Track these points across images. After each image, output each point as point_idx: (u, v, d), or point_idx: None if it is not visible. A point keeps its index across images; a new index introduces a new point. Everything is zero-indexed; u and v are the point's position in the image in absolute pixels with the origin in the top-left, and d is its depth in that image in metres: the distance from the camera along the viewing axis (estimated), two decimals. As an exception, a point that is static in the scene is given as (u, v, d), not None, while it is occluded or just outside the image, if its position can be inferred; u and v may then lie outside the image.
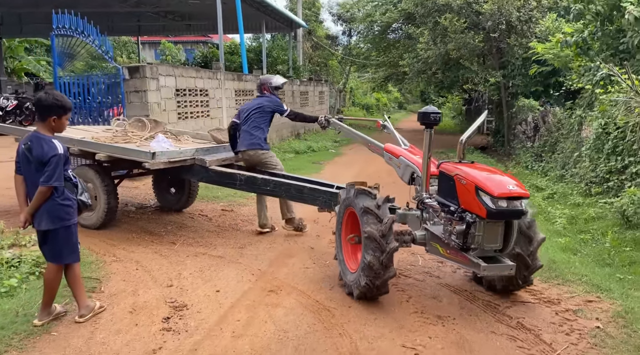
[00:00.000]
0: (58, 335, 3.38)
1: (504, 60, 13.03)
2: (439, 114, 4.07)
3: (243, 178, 5.52)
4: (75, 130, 6.87)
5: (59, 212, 3.48)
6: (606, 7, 7.86)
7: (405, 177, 4.55)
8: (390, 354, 3.23)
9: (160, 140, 5.94)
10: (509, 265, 3.69)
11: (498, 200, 3.46)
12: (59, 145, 3.47)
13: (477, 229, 3.61)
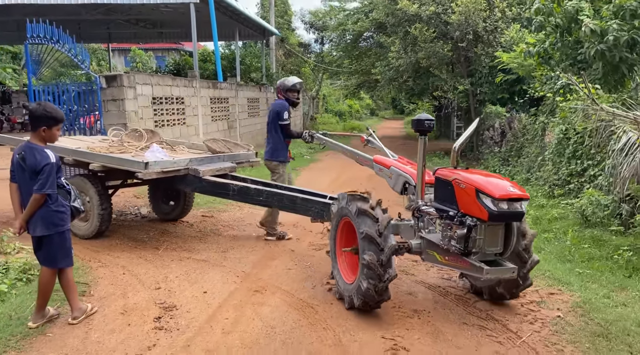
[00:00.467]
0: (53, 336, 3.53)
1: (472, 68, 13.57)
2: (433, 121, 4.14)
3: (236, 188, 5.58)
4: (71, 140, 6.92)
5: (53, 218, 3.63)
6: (565, 20, 8.37)
7: (397, 187, 4.55)
8: (371, 344, 3.50)
9: (154, 150, 5.94)
10: (510, 268, 3.69)
11: (499, 202, 3.47)
12: (51, 155, 3.63)
13: (478, 233, 3.60)
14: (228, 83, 14.94)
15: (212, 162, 6.05)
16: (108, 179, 6.30)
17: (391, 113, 57.84)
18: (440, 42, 12.88)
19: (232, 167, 6.14)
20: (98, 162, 5.64)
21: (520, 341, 3.60)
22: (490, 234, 3.64)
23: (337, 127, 27.97)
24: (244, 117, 16.05)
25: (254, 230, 6.54)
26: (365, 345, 3.47)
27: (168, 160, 5.64)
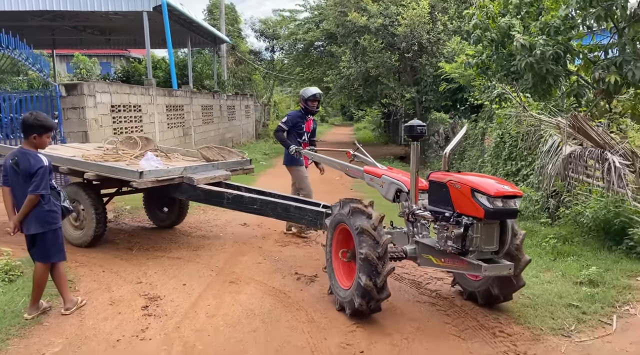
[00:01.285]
0: (50, 325, 3.87)
1: (417, 77, 14.52)
2: (424, 126, 4.24)
3: (231, 197, 5.59)
4: (66, 148, 7.00)
5: (46, 217, 3.98)
6: (499, 35, 9.34)
7: (389, 194, 4.62)
8: (338, 320, 4.06)
9: (149, 159, 5.96)
10: (507, 265, 3.79)
11: (494, 200, 3.57)
12: (44, 158, 3.99)
13: (474, 231, 3.69)
14: (183, 91, 15.20)
15: (206, 171, 6.07)
16: (102, 187, 6.31)
17: (340, 119, 59.13)
18: (388, 53, 13.75)
19: (227, 175, 6.17)
20: (93, 171, 5.64)
21: (464, 313, 4.27)
22: (486, 232, 3.73)
23: (289, 133, 28.46)
24: (199, 124, 16.32)
25: (221, 231, 6.98)
26: (333, 321, 4.03)
27: (163, 169, 5.66)
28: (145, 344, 3.60)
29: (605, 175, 6.09)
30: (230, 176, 6.26)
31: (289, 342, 3.66)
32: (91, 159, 6.00)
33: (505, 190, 3.62)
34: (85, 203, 5.83)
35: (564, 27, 8.39)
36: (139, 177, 5.28)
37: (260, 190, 6.10)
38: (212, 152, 6.66)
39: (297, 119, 6.54)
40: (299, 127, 6.54)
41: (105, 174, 5.62)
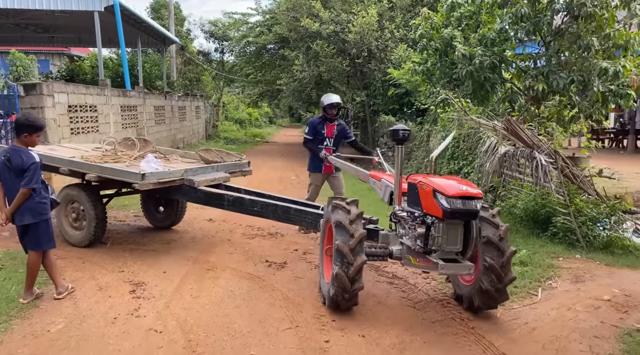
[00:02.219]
0: (47, 308, 4.22)
1: (367, 81, 15.34)
2: (408, 131, 4.37)
3: (231, 199, 5.64)
4: (65, 149, 7.03)
5: (38, 208, 4.32)
6: (442, 45, 10.23)
7: (385, 197, 4.80)
8: (311, 297, 4.64)
9: (149, 160, 5.97)
10: (467, 266, 3.91)
11: (453, 200, 3.74)
12: (35, 155, 4.34)
13: (436, 231, 3.87)
14: (136, 91, 15.28)
15: (206, 173, 6.09)
16: (102, 188, 6.32)
17: (288, 121, 59.68)
18: (340, 58, 14.48)
19: (226, 177, 6.23)
20: (94, 172, 5.67)
21: (417, 289, 4.97)
22: (448, 232, 3.89)
23: (238, 134, 28.75)
24: (152, 125, 16.41)
25: (188, 226, 7.38)
26: (306, 299, 4.60)
27: (165, 171, 5.69)
28: (140, 320, 4.04)
29: (533, 171, 7.03)
30: (229, 178, 6.34)
31: (269, 315, 4.21)
32: (90, 160, 6.01)
33: (464, 191, 3.77)
34: (85, 204, 5.85)
35: (499, 39, 9.37)
36: (141, 179, 5.31)
37: (260, 193, 6.18)
38: (211, 154, 6.75)
39: (316, 126, 6.73)
40: (319, 133, 6.71)
41: (107, 175, 5.63)
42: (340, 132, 6.84)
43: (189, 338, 3.74)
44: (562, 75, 8.91)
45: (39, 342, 3.63)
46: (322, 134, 6.73)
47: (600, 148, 20.18)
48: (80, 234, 5.96)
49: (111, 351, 3.51)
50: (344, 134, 6.91)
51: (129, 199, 8.57)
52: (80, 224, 5.98)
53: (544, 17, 8.88)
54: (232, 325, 3.97)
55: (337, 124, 6.84)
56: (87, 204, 5.84)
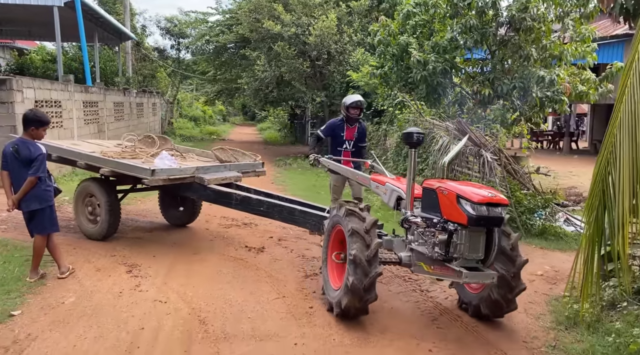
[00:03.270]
0: (54, 286, 4.68)
1: (326, 83, 16.10)
2: (422, 134, 4.24)
3: (239, 198, 5.74)
4: (88, 144, 7.20)
5: (44, 195, 4.77)
6: (399, 50, 11.10)
7: (391, 202, 4.64)
8: (292, 275, 5.29)
9: (164, 157, 6.12)
10: (491, 274, 3.80)
11: (478, 207, 3.63)
12: (42, 147, 4.79)
13: (459, 238, 3.73)
14: (97, 87, 15.38)
15: (218, 171, 6.17)
16: (118, 184, 6.45)
17: (241, 119, 59.70)
18: (300, 59, 15.15)
19: (237, 177, 6.30)
20: (108, 167, 5.88)
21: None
22: (471, 239, 3.75)
23: (194, 131, 28.85)
24: (112, 121, 16.51)
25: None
26: (288, 276, 5.26)
27: (175, 168, 5.84)
28: (144, 294, 4.57)
29: (480, 167, 7.96)
30: (241, 178, 6.40)
31: (258, 288, 4.84)
32: (109, 155, 6.17)
33: (489, 197, 3.67)
34: (100, 198, 6.07)
35: (450, 47, 10.32)
36: (151, 174, 5.49)
37: (268, 193, 6.28)
38: (225, 153, 6.83)
39: (335, 128, 6.39)
40: (337, 135, 6.36)
41: (119, 170, 5.83)
42: (360, 135, 6.48)
43: (192, 307, 4.32)
44: (506, 81, 9.97)
45: (56, 311, 4.12)
46: (341, 136, 6.34)
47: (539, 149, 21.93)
48: (95, 228, 6.18)
49: (125, 317, 4.05)
50: (362, 138, 6.57)
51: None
52: (95, 217, 6.20)
53: (490, 29, 9.92)
54: (227, 297, 4.58)
55: (358, 126, 6.46)
56: (102, 198, 6.05)
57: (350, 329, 4.00)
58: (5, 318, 3.95)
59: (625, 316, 4.22)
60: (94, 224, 6.20)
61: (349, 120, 6.33)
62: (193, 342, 3.70)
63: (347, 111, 6.27)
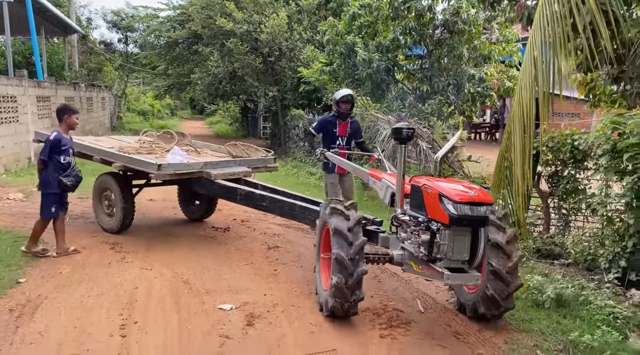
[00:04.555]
0: (47, 261, 5.37)
1: (278, 78, 16.93)
2: (412, 129, 4.14)
3: (243, 193, 5.85)
4: (111, 140, 7.70)
5: (45, 182, 5.39)
6: (346, 49, 12.14)
7: (386, 198, 4.54)
8: (256, 248, 6.20)
9: (175, 153, 6.30)
10: (475, 276, 3.71)
11: (460, 206, 3.55)
12: (52, 134, 5.40)
13: (442, 238, 3.66)
14: (49, 82, 15.56)
15: (227, 167, 6.32)
16: (133, 179, 6.65)
17: (189, 113, 59.36)
18: (253, 56, 15.92)
19: (247, 172, 6.45)
20: (120, 162, 6.14)
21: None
22: (455, 240, 3.68)
23: (143, 125, 28.93)
24: (63, 116, 16.70)
25: (132, 204, 8.53)
26: (253, 249, 6.16)
27: (183, 163, 5.99)
28: (130, 264, 5.36)
29: (418, 155, 9.13)
30: (251, 173, 6.56)
31: (229, 258, 5.73)
32: (125, 151, 6.40)
33: (472, 196, 3.60)
34: (115, 192, 6.33)
35: (392, 47, 11.47)
36: (157, 169, 5.66)
37: (274, 189, 6.35)
38: (237, 149, 6.95)
39: (326, 124, 6.32)
40: (329, 132, 6.27)
41: (130, 165, 6.10)
42: (354, 131, 6.38)
43: (174, 272, 5.16)
44: (442, 79, 11.23)
45: (57, 279, 4.85)
46: (334, 133, 6.25)
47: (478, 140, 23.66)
48: (111, 221, 6.50)
49: (119, 281, 4.84)
50: (357, 134, 6.46)
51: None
52: (111, 210, 6.51)
53: (427, 30, 11.14)
54: (204, 264, 5.44)
55: (351, 122, 6.38)
56: (117, 192, 6.32)
57: (310, 284, 4.96)
58: (14, 284, 4.66)
59: (524, 268, 5.42)
60: (110, 217, 6.51)
61: (340, 116, 6.22)
62: (180, 295, 4.56)
63: (338, 106, 6.19)
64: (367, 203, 8.97)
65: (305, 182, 11.70)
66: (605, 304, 4.30)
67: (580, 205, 5.71)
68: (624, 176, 4.97)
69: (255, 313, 4.21)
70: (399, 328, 4.07)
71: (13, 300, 4.31)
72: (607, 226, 5.34)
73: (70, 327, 3.86)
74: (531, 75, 4.03)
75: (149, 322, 4.00)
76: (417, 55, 12.24)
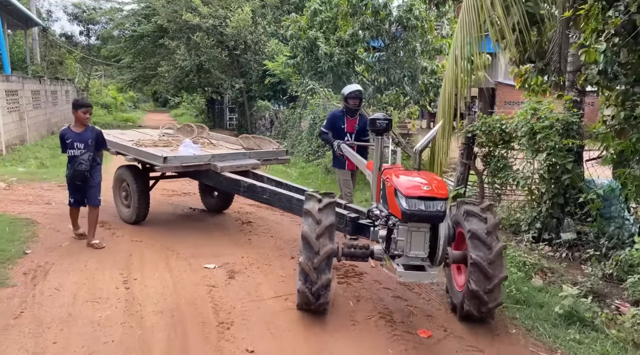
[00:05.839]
0: (45, 237, 6.11)
1: (243, 70, 17.71)
2: (388, 120, 4.07)
3: (246, 185, 5.90)
4: (135, 133, 8.05)
5: (67, 173, 5.89)
6: (308, 44, 13.04)
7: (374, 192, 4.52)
8: (229, 223, 7.08)
9: (187, 145, 6.50)
10: (430, 274, 3.63)
11: (412, 201, 3.47)
12: (62, 128, 5.92)
13: (399, 234, 3.60)
14: (16, 76, 15.89)
15: (235, 159, 6.44)
16: (149, 171, 6.83)
17: (152, 106, 59.15)
18: (219, 49, 16.65)
19: (255, 164, 6.57)
20: (131, 155, 6.40)
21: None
22: (412, 236, 3.61)
23: (107, 118, 29.13)
24: (30, 109, 17.03)
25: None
26: (228, 224, 7.04)
27: (188, 156, 6.17)
28: (121, 238, 6.16)
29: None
30: (259, 165, 6.66)
31: (209, 231, 6.61)
32: (142, 144, 6.67)
33: (425, 191, 3.50)
34: (131, 184, 6.59)
35: (352, 41, 12.44)
36: (163, 162, 5.84)
37: (279, 181, 6.39)
38: (249, 141, 7.10)
39: (335, 120, 6.34)
40: (338, 128, 6.27)
41: (138, 157, 6.35)
42: (362, 127, 6.23)
43: (161, 243, 5.99)
44: (397, 71, 12.30)
45: (59, 250, 5.63)
46: (342, 129, 6.23)
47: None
48: (128, 212, 6.79)
49: (114, 250, 5.65)
50: (363, 131, 6.26)
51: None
52: (129, 201, 6.80)
53: (384, 26, 12.15)
54: (186, 236, 6.29)
55: (359, 118, 6.32)
56: (132, 183, 6.57)
57: (282, 248, 5.89)
58: (22, 255, 5.42)
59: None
60: (127, 208, 6.81)
61: (349, 112, 6.22)
62: (170, 259, 5.42)
63: (346, 102, 6.20)
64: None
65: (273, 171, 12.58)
66: (518, 254, 5.39)
67: (508, 180, 6.81)
68: (539, 154, 6.08)
69: (235, 270, 5.13)
70: (354, 278, 5.06)
71: (25, 267, 5.08)
72: (527, 196, 6.48)
73: (80, 283, 4.69)
74: (453, 71, 5.05)
75: (147, 278, 4.86)
76: (375, 48, 13.26)
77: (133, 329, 3.83)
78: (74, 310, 4.13)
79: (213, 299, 4.41)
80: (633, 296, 4.30)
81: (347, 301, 4.47)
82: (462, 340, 3.81)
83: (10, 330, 3.77)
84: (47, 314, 4.04)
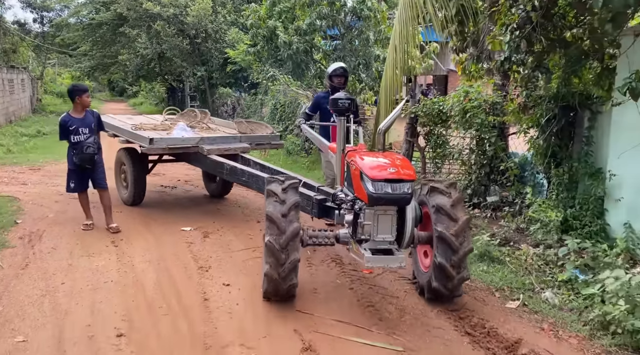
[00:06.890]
0: (30, 210, 6.80)
1: (205, 58, 18.31)
2: (349, 100, 4.00)
3: (228, 167, 6.04)
4: (141, 118, 8.51)
5: (68, 157, 6.23)
6: (268, 33, 13.81)
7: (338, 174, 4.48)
8: (201, 199, 7.91)
9: (180, 128, 6.82)
10: (398, 258, 3.60)
11: (377, 184, 3.43)
12: (61, 116, 6.32)
13: (365, 218, 3.56)
14: (-26, 64, 16.04)
15: (224, 143, 6.56)
16: (148, 154, 6.89)
17: (108, 95, 58.38)
18: (180, 38, 17.21)
19: (245, 148, 6.64)
20: (124, 136, 6.73)
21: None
22: (379, 220, 3.57)
23: (65, 107, 28.99)
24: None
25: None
26: (199, 198, 7.87)
27: (175, 138, 6.38)
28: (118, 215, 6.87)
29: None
30: (249, 149, 6.71)
31: (181, 203, 7.45)
32: (141, 128, 7.01)
33: (390, 173, 3.46)
34: (128, 166, 6.86)
35: (309, 30, 13.28)
36: (149, 143, 6.08)
37: (263, 165, 6.47)
38: (242, 125, 7.31)
39: (320, 102, 6.15)
40: (324, 110, 6.04)
41: (130, 139, 6.64)
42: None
43: (140, 213, 6.79)
44: (353, 59, 13.24)
45: (46, 220, 6.36)
46: (329, 110, 5.54)
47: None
48: (126, 193, 7.11)
49: (97, 219, 6.41)
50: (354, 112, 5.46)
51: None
52: (127, 184, 7.08)
53: (339, 16, 13.06)
54: (162, 208, 7.12)
55: None
56: (129, 166, 6.84)
57: (248, 215, 6.79)
58: (14, 224, 6.13)
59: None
60: (126, 190, 7.12)
61: (334, 91, 5.78)
62: (150, 225, 6.24)
63: (331, 81, 6.05)
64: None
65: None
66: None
67: (446, 154, 7.89)
68: (469, 130, 7.16)
69: (209, 231, 6.01)
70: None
71: (19, 233, 5.81)
72: (461, 167, 7.57)
73: (73, 243, 5.47)
74: (392, 58, 6.03)
75: (132, 238, 5.69)
76: (332, 37, 14.16)
77: (127, 273, 4.68)
78: (73, 261, 4.93)
79: (192, 252, 5.28)
80: (534, 241, 5.41)
81: (306, 251, 5.42)
82: (397, 274, 4.81)
83: (21, 277, 4.55)
84: (50, 266, 4.83)
